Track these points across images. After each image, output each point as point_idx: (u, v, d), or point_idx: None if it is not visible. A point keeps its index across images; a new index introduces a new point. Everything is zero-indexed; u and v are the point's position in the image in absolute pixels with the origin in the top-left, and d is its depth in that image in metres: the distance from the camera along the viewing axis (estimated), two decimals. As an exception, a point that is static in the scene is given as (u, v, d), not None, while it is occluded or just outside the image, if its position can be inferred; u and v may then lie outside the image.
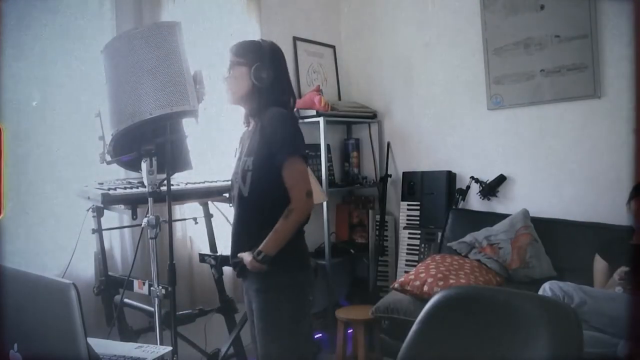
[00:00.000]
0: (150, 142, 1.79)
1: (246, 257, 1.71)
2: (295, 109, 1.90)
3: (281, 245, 1.68)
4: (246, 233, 1.77)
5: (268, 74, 1.75)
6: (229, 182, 1.96)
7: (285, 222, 1.67)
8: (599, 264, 2.46)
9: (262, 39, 1.88)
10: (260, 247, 1.68)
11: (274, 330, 1.73)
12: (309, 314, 1.80)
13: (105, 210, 2.21)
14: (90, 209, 2.22)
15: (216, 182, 2.43)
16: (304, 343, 1.77)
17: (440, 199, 3.43)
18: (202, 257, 2.54)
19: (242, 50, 1.81)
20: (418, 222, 3.51)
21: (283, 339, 1.73)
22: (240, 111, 1.92)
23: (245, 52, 1.80)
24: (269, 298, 1.73)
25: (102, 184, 2.21)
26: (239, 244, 1.80)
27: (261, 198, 1.73)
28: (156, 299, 1.82)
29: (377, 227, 3.61)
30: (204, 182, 2.41)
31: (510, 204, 3.19)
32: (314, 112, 3.32)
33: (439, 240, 3.29)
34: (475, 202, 3.34)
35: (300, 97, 3.47)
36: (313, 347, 2.92)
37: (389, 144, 3.75)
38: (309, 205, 1.72)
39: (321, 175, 3.39)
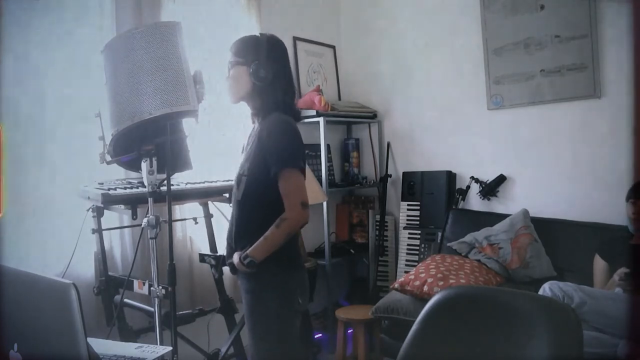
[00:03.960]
0: (150, 142, 1.79)
1: (235, 257, 1.73)
2: (296, 108, 1.86)
3: (269, 252, 1.68)
4: (238, 235, 1.78)
5: (267, 72, 1.72)
6: (231, 182, 1.96)
7: (276, 230, 1.66)
8: (599, 264, 2.46)
9: (261, 32, 1.82)
10: (248, 251, 1.68)
11: (261, 329, 1.74)
12: (297, 315, 1.78)
13: (105, 210, 2.21)
14: (90, 209, 2.22)
15: (216, 182, 2.44)
16: (292, 343, 1.76)
17: (440, 199, 3.43)
18: (202, 257, 2.54)
19: (240, 48, 1.78)
20: (418, 222, 3.51)
21: (269, 339, 1.73)
22: (242, 110, 1.91)
23: (243, 50, 1.77)
24: (255, 298, 1.74)
25: (102, 184, 2.21)
26: (231, 244, 1.81)
27: (253, 204, 1.74)
28: (156, 299, 1.82)
29: (377, 227, 3.61)
30: (204, 182, 2.41)
31: (510, 204, 3.19)
32: (314, 112, 3.32)
33: (439, 240, 3.29)
34: (475, 202, 3.34)
35: (300, 97, 3.47)
36: (307, 347, 2.93)
37: (389, 144, 3.75)
38: (304, 216, 1.68)
39: (321, 175, 3.39)
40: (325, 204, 3.29)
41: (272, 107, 1.75)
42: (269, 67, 1.73)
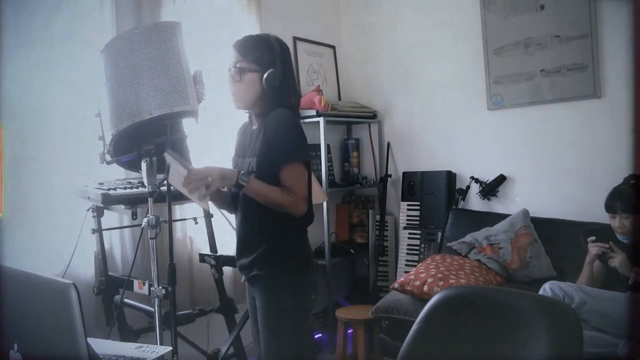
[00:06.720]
0: (150, 142, 1.79)
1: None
2: (299, 110, 1.86)
3: (258, 197, 1.62)
4: (251, 233, 1.76)
5: (280, 80, 1.70)
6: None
7: (279, 193, 1.62)
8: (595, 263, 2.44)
9: (268, 34, 1.78)
10: (250, 177, 1.62)
11: (277, 329, 1.73)
12: (310, 315, 1.81)
13: (105, 210, 2.21)
14: (90, 209, 2.22)
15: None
16: (305, 343, 1.78)
17: (440, 199, 3.43)
18: (202, 257, 2.54)
19: (252, 52, 1.72)
20: (418, 222, 3.51)
21: (285, 339, 1.72)
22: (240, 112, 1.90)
23: (256, 54, 1.71)
24: (273, 298, 1.73)
25: (102, 184, 2.21)
26: (244, 244, 1.78)
27: None
28: (156, 299, 1.82)
29: (377, 227, 3.61)
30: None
31: (510, 204, 3.19)
32: (314, 112, 3.32)
33: (439, 240, 3.29)
34: (475, 202, 3.34)
35: (300, 97, 3.46)
36: (314, 347, 2.93)
37: (389, 144, 3.75)
38: (300, 207, 1.65)
39: (321, 175, 3.39)
40: (325, 204, 3.29)
41: (277, 105, 1.72)
42: (282, 74, 1.71)
